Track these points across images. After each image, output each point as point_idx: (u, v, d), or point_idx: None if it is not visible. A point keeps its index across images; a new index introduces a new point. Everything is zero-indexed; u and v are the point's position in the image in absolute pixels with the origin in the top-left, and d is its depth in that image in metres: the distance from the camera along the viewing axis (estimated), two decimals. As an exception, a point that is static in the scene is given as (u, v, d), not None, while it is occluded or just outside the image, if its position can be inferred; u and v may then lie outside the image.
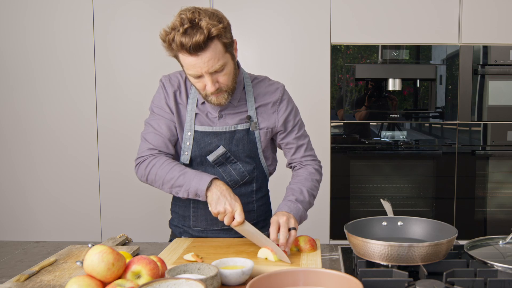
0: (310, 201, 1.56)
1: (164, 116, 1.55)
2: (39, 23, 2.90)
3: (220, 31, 1.34)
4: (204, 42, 1.32)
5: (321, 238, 2.89)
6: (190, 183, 1.43)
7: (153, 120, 1.56)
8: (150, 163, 1.51)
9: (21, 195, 2.99)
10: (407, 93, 2.93)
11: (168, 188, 1.48)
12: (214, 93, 1.43)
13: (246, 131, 1.56)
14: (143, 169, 1.52)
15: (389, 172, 2.96)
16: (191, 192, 1.43)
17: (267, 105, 1.58)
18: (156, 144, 1.53)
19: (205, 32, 1.31)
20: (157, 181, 1.50)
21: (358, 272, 1.19)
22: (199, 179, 1.42)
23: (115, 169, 2.94)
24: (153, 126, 1.55)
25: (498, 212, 2.96)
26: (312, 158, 1.66)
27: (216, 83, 1.41)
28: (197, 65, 1.36)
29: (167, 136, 1.54)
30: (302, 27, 2.88)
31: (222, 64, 1.38)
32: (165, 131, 1.54)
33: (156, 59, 2.87)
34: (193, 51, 1.33)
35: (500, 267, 1.15)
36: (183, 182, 1.44)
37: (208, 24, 1.32)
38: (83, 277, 1.03)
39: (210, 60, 1.35)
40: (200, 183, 1.41)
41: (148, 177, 1.52)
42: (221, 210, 1.38)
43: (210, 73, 1.38)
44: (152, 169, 1.50)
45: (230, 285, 1.15)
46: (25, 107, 2.94)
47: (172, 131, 1.54)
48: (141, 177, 1.55)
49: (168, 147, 1.54)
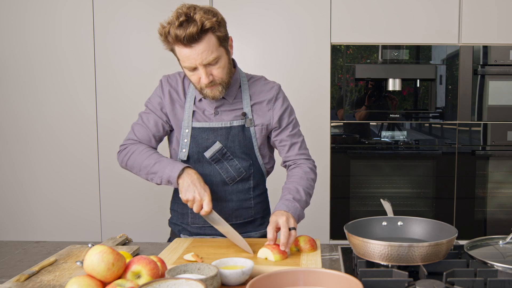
0: (306, 200, 1.57)
1: (155, 113, 1.62)
2: (39, 23, 2.90)
3: (214, 24, 1.39)
4: (198, 34, 1.37)
5: (321, 238, 2.89)
6: (163, 170, 1.49)
7: (144, 113, 1.65)
8: (130, 150, 1.59)
9: (21, 195, 2.99)
10: (407, 93, 2.93)
11: (145, 175, 1.55)
12: (209, 86, 1.47)
13: (241, 127, 1.58)
14: (123, 155, 1.61)
15: (389, 172, 2.96)
16: (164, 179, 1.50)
17: (262, 103, 1.61)
18: (141, 136, 1.62)
19: (199, 24, 1.36)
20: (135, 167, 1.58)
21: (358, 272, 1.19)
22: (172, 167, 1.48)
23: (115, 169, 2.93)
24: (142, 119, 1.64)
25: (498, 212, 2.96)
26: (306, 157, 1.67)
27: (210, 76, 1.45)
28: (191, 56, 1.41)
29: (152, 131, 1.62)
30: (302, 27, 2.88)
31: (216, 57, 1.43)
32: (152, 126, 1.62)
33: (156, 59, 2.88)
34: (187, 42, 1.38)
35: (500, 267, 1.15)
36: (157, 169, 1.51)
37: (202, 17, 1.37)
38: (83, 277, 1.03)
39: (204, 52, 1.40)
40: (172, 170, 1.47)
41: (128, 163, 1.60)
42: (190, 198, 1.43)
43: (204, 65, 1.42)
44: (131, 156, 1.58)
45: (230, 285, 1.15)
46: (25, 107, 2.94)
47: (158, 128, 1.62)
48: (121, 163, 1.63)
49: (151, 142, 1.62)
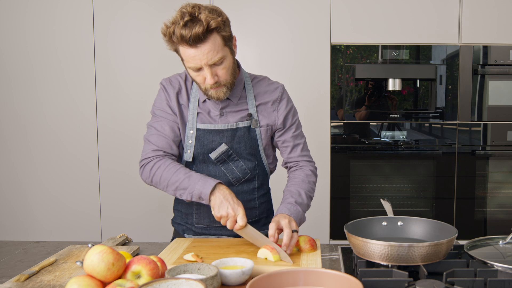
0: (308, 203, 1.57)
1: (167, 118, 1.55)
2: (39, 23, 2.90)
3: (219, 24, 1.37)
4: (203, 34, 1.35)
5: (321, 238, 2.89)
6: (194, 186, 1.44)
7: (155, 122, 1.57)
8: (155, 165, 1.51)
9: (21, 195, 2.99)
10: (407, 93, 2.93)
11: (173, 191, 1.49)
12: (213, 87, 1.45)
13: (247, 128, 1.57)
14: (148, 171, 1.52)
15: (389, 172, 2.96)
16: (195, 195, 1.44)
17: (267, 104, 1.60)
18: (160, 145, 1.53)
19: (204, 24, 1.34)
20: (161, 183, 1.50)
21: (358, 272, 1.19)
22: (203, 183, 1.43)
23: (115, 169, 2.94)
24: (156, 128, 1.55)
25: (498, 212, 2.96)
26: (308, 159, 1.68)
27: (215, 76, 1.43)
28: (196, 57, 1.39)
29: (170, 137, 1.54)
30: (302, 27, 2.88)
31: (221, 57, 1.41)
32: (168, 132, 1.54)
33: (156, 59, 2.88)
34: (192, 42, 1.36)
35: (500, 267, 1.15)
36: (187, 185, 1.45)
37: (207, 17, 1.35)
38: (83, 277, 1.03)
39: (210, 52, 1.38)
40: (204, 186, 1.42)
41: (153, 179, 1.52)
42: (223, 214, 1.39)
43: (209, 65, 1.41)
44: (157, 171, 1.50)
45: (230, 285, 1.15)
46: (25, 107, 2.94)
47: (175, 132, 1.55)
48: (146, 179, 1.55)
49: (172, 148, 1.55)
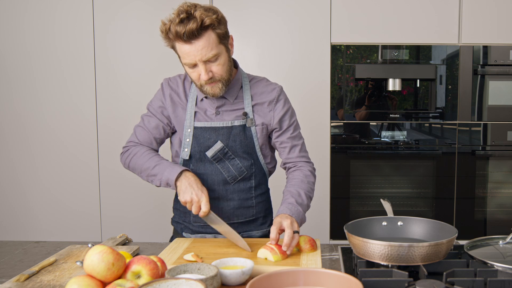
0: (308, 203, 1.58)
1: (156, 116, 1.65)
2: (39, 23, 2.90)
3: (213, 21, 1.41)
4: (197, 30, 1.39)
5: (321, 238, 2.89)
6: (163, 173, 1.53)
7: (146, 116, 1.67)
8: (132, 152, 1.63)
9: (21, 195, 2.99)
10: (407, 93, 2.93)
11: (145, 177, 1.60)
12: (208, 83, 1.49)
13: (242, 127, 1.59)
14: (125, 157, 1.66)
15: (389, 172, 2.96)
16: (163, 181, 1.54)
17: (263, 104, 1.62)
18: (142, 139, 1.65)
19: (199, 21, 1.38)
20: (136, 169, 1.62)
21: (358, 272, 1.19)
22: (170, 170, 1.52)
23: (115, 169, 2.94)
24: (144, 122, 1.67)
25: (498, 212, 2.96)
26: (306, 160, 1.68)
27: (210, 72, 1.47)
28: (191, 53, 1.42)
29: (153, 134, 1.65)
30: (302, 27, 2.88)
31: (215, 54, 1.44)
32: (152, 129, 1.65)
33: (156, 59, 2.88)
34: (187, 38, 1.40)
35: (500, 267, 1.15)
36: (157, 171, 1.55)
37: (202, 14, 1.39)
38: (83, 277, 1.03)
39: (204, 48, 1.41)
40: (171, 173, 1.51)
41: (130, 165, 1.65)
42: (187, 199, 1.46)
43: (204, 61, 1.44)
44: (133, 158, 1.62)
45: (230, 285, 1.15)
46: (25, 107, 2.94)
47: (159, 131, 1.65)
48: (124, 164, 1.68)
49: (152, 144, 1.66)
